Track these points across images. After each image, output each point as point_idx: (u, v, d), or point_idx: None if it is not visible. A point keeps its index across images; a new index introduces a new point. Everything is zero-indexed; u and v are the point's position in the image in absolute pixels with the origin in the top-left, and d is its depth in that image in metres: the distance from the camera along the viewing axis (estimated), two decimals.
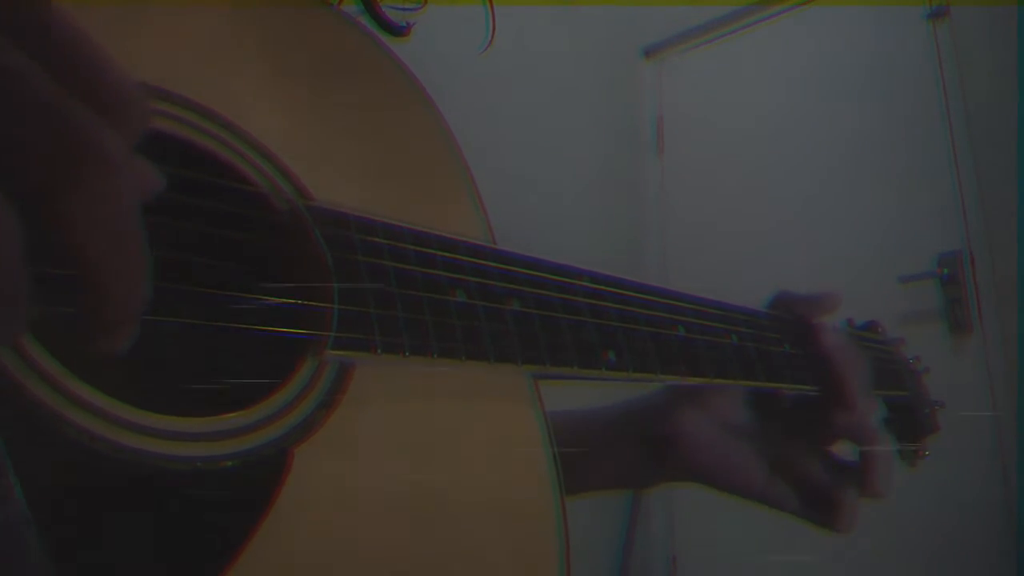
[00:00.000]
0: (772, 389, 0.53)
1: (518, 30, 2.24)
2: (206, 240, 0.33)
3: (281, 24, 0.40)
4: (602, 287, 0.44)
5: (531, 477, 0.38)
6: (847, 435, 0.54)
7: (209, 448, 0.29)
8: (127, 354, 0.23)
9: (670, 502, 2.59)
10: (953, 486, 1.96)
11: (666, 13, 3.11)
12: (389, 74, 0.44)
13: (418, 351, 0.35)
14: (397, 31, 0.56)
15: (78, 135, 0.19)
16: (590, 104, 2.85)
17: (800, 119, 2.76)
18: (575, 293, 0.43)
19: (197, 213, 0.32)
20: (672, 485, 0.57)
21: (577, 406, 0.59)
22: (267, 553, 0.28)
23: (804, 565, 2.17)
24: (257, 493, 0.29)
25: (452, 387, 0.37)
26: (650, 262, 2.90)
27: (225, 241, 0.34)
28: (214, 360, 0.34)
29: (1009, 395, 2.12)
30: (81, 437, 0.26)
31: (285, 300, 0.33)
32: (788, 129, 2.76)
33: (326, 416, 0.32)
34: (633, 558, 2.48)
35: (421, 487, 0.34)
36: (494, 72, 2.14)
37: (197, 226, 0.33)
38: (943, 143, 2.42)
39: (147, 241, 0.22)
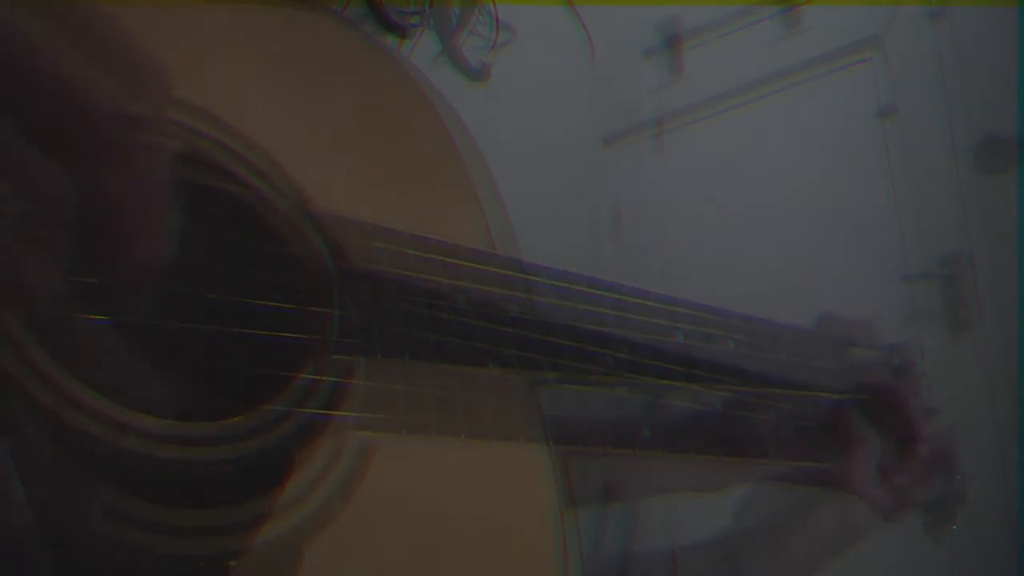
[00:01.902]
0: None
1: (488, 111, 2.25)
2: (205, 244, 0.33)
3: (284, 27, 0.39)
4: (600, 292, 0.45)
5: (535, 515, 0.37)
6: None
7: (210, 452, 0.29)
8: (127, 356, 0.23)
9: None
10: None
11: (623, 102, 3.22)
12: (394, 79, 0.44)
13: (418, 355, 0.34)
14: (399, 30, 0.55)
15: (109, 109, 0.22)
16: (549, 192, 2.92)
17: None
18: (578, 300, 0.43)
19: (196, 217, 0.32)
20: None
21: None
22: (268, 556, 0.28)
23: None
24: (259, 497, 0.29)
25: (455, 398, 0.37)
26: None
27: (224, 245, 0.33)
28: (215, 364, 0.34)
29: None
30: (83, 441, 0.26)
31: (285, 305, 0.33)
32: (745, 218, 2.83)
33: (326, 423, 0.32)
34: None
35: (421, 507, 0.33)
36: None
37: (196, 230, 0.32)
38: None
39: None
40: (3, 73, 0.20)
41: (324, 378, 0.33)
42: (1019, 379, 2.10)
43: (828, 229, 2.55)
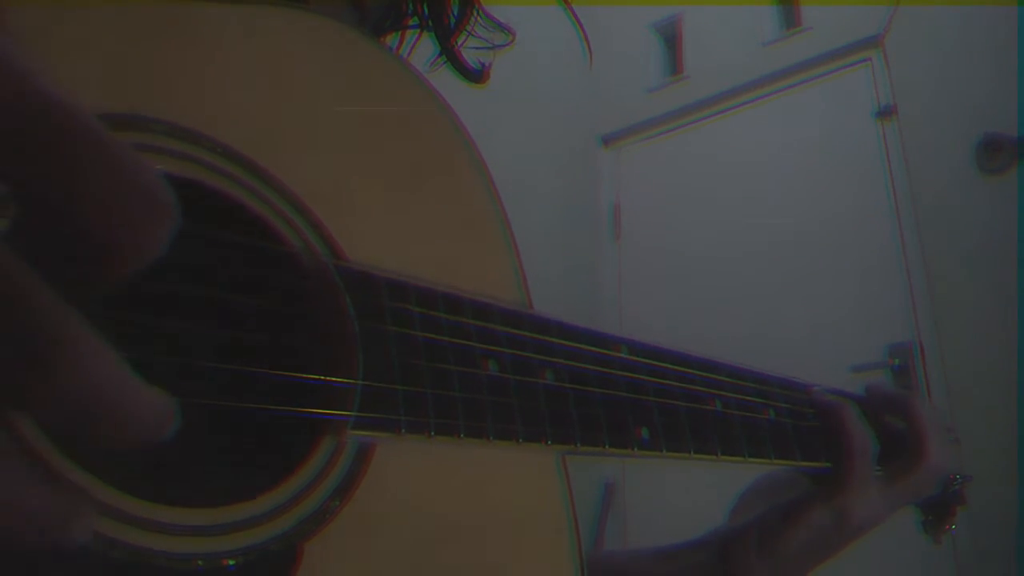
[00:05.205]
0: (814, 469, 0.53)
1: (487, 111, 2.25)
2: (223, 305, 0.31)
3: (325, 64, 0.36)
4: (639, 359, 0.42)
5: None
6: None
7: (212, 544, 0.26)
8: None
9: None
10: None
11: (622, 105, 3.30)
12: (436, 123, 0.40)
13: (445, 431, 0.32)
14: (476, 77, 0.56)
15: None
16: (549, 191, 2.92)
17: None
18: (611, 365, 0.40)
19: (216, 275, 0.30)
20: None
21: None
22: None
23: None
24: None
25: (473, 469, 0.34)
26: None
27: (244, 307, 0.31)
28: (222, 440, 0.32)
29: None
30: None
31: (305, 376, 0.31)
32: (743, 217, 2.85)
33: (341, 506, 0.29)
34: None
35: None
36: None
37: (215, 291, 0.30)
38: (893, 238, 2.51)
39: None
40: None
41: (341, 455, 0.30)
42: (1019, 379, 2.09)
43: (780, 318, 2.57)
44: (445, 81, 0.48)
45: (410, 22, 0.57)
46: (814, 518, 0.53)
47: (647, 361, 0.42)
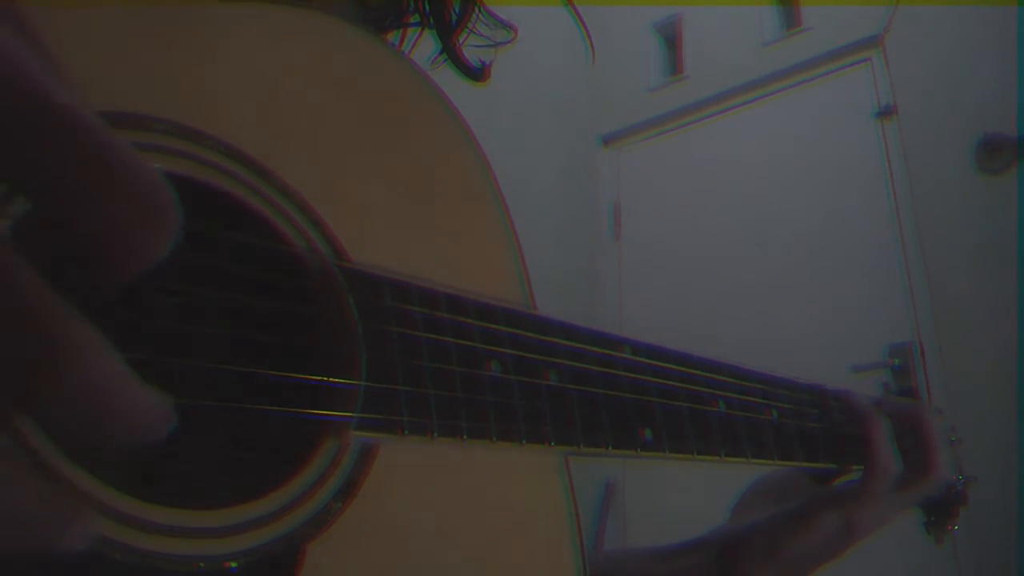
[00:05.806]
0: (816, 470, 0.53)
1: (488, 111, 2.24)
2: (225, 306, 0.31)
3: (328, 62, 0.36)
4: (643, 359, 0.42)
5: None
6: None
7: (214, 546, 0.26)
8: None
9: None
10: None
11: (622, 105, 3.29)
12: (440, 122, 0.40)
13: (447, 432, 0.32)
14: (477, 75, 0.56)
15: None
16: (550, 191, 2.92)
17: (754, 209, 2.83)
18: (614, 366, 0.40)
19: (218, 275, 0.30)
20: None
21: None
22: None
23: None
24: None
25: (476, 470, 0.34)
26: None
27: (247, 307, 0.31)
28: (225, 442, 0.32)
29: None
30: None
31: (307, 376, 0.31)
32: (743, 217, 2.85)
33: (343, 507, 0.29)
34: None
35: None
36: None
37: (217, 290, 0.30)
38: (893, 238, 2.51)
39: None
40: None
41: (344, 456, 0.30)
42: (1019, 379, 2.10)
43: (781, 318, 2.56)
44: (446, 80, 0.48)
45: (411, 19, 0.57)
46: (824, 525, 0.53)
47: (650, 362, 0.42)
